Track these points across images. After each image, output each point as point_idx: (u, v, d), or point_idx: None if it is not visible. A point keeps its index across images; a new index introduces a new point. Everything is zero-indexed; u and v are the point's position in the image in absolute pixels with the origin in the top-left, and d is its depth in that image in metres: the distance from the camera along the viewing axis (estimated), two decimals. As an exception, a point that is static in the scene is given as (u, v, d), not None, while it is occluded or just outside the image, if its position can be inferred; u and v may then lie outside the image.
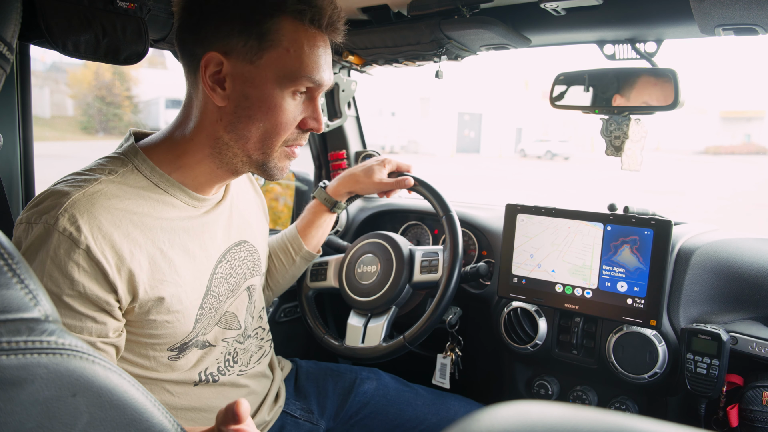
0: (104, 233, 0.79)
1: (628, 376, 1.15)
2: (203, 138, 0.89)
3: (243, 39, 0.82)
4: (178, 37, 0.88)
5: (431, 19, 1.22)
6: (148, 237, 0.85)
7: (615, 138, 1.25)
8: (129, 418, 0.36)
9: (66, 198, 0.78)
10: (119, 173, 0.86)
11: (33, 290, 0.35)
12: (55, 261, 0.76)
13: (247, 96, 0.85)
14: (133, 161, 0.88)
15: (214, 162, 0.91)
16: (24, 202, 1.26)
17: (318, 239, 1.34)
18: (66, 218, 0.77)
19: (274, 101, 0.86)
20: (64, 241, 0.76)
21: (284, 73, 0.85)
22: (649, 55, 1.18)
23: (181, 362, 0.95)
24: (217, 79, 0.85)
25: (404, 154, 25.93)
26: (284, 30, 0.83)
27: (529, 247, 1.27)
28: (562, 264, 1.22)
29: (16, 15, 0.64)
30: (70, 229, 0.77)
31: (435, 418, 1.22)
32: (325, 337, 1.36)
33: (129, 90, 17.13)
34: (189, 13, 0.85)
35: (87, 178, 0.83)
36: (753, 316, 1.13)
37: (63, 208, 0.77)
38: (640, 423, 0.28)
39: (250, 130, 0.87)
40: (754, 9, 0.86)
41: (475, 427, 0.29)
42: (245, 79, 0.84)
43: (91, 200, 0.80)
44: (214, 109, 0.87)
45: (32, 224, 0.78)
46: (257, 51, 0.83)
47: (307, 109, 0.91)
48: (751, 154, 31.09)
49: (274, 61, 0.84)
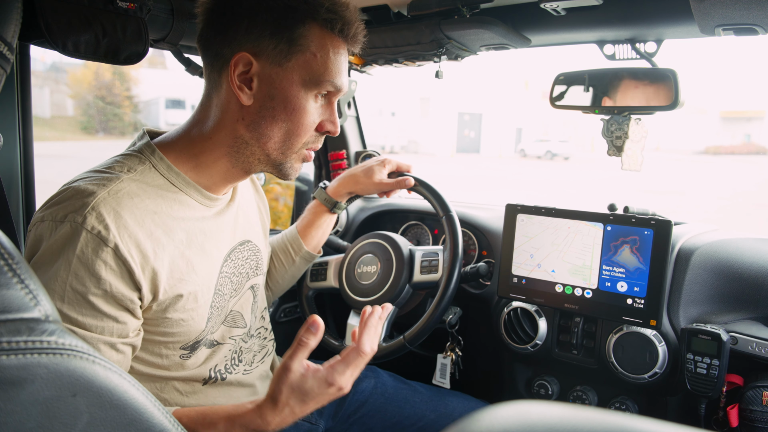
0: (130, 232, 0.80)
1: (628, 376, 1.15)
2: (222, 136, 0.91)
3: (274, 42, 0.85)
4: (203, 35, 0.89)
5: (431, 19, 1.22)
6: (169, 236, 0.86)
7: (617, 138, 1.25)
8: (129, 418, 0.36)
9: (92, 197, 0.79)
10: (137, 171, 0.86)
11: (33, 290, 0.35)
12: (83, 259, 0.76)
13: (272, 96, 0.88)
14: (150, 159, 0.89)
15: (231, 161, 0.93)
16: (24, 202, 1.26)
17: (318, 239, 1.34)
18: (94, 217, 0.77)
19: (298, 103, 0.89)
20: (92, 239, 0.77)
21: (309, 77, 0.88)
22: (649, 55, 1.18)
23: (192, 360, 0.96)
24: (244, 78, 0.87)
25: (404, 154, 25.93)
26: (313, 36, 0.87)
27: (529, 247, 1.27)
28: (562, 264, 1.22)
29: (16, 15, 0.64)
30: (98, 228, 0.77)
31: (434, 414, 1.23)
32: (325, 338, 1.36)
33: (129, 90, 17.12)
34: (219, 14, 0.87)
35: (109, 176, 0.83)
36: (753, 316, 1.13)
37: (90, 207, 0.78)
38: (640, 423, 0.28)
39: (272, 129, 0.90)
40: (754, 9, 0.87)
41: (475, 427, 0.29)
42: (272, 80, 0.87)
43: (117, 199, 0.81)
44: (236, 108, 0.89)
45: (57, 222, 0.78)
46: (286, 54, 0.86)
47: (325, 113, 0.95)
48: (751, 154, 31.09)
49: (301, 65, 0.87)
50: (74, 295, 0.77)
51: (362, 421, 1.23)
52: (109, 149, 0.95)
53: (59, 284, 0.76)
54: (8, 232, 0.94)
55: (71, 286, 0.76)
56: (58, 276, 0.76)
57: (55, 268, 0.76)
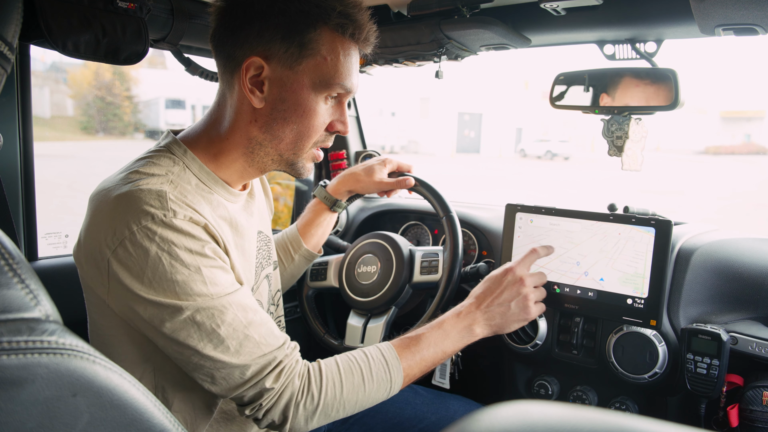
0: (206, 218, 0.83)
1: (628, 376, 1.15)
2: (238, 138, 0.92)
3: (285, 46, 0.86)
4: (216, 36, 0.90)
5: (431, 19, 1.22)
6: (219, 230, 0.87)
7: (617, 138, 1.25)
8: (130, 418, 0.36)
9: (163, 195, 0.79)
10: (175, 173, 0.86)
11: (34, 290, 0.35)
12: (188, 244, 0.78)
13: (283, 99, 0.89)
14: (183, 160, 0.89)
15: (247, 161, 0.94)
16: (24, 202, 1.26)
17: (318, 238, 1.34)
18: (178, 206, 0.80)
19: (309, 105, 0.90)
20: (186, 224, 0.79)
21: (320, 80, 0.89)
22: (649, 55, 1.18)
23: None
24: (255, 81, 0.88)
25: (404, 154, 25.93)
26: (324, 40, 0.87)
27: (529, 247, 1.27)
28: (562, 264, 1.22)
29: (17, 15, 0.64)
30: (189, 214, 0.80)
31: (434, 416, 1.23)
32: (324, 337, 1.36)
33: (129, 90, 17.11)
34: (232, 15, 0.87)
35: (157, 175, 0.83)
36: (753, 316, 1.13)
37: (169, 200, 0.79)
38: (640, 423, 0.28)
39: (284, 131, 0.91)
40: (754, 9, 0.87)
41: (475, 427, 0.29)
42: (283, 83, 0.88)
43: (183, 193, 0.83)
44: (249, 110, 0.90)
45: (147, 227, 0.77)
46: (297, 58, 0.87)
47: (335, 113, 0.96)
48: (751, 154, 31.09)
49: (312, 68, 0.88)
50: (188, 271, 0.78)
51: (363, 421, 1.23)
52: (109, 149, 0.95)
53: (182, 275, 0.78)
54: (8, 232, 0.94)
55: (185, 261, 0.78)
56: (179, 270, 0.78)
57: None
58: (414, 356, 0.97)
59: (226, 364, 0.80)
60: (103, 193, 0.82)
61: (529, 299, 1.07)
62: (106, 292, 0.81)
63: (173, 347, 0.80)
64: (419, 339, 0.99)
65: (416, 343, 0.99)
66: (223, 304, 0.80)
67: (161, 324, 0.78)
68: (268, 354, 0.84)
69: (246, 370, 0.82)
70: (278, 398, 0.84)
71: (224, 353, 0.80)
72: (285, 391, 0.84)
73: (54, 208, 5.49)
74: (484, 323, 1.05)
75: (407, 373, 0.97)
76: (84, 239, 0.83)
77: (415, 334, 1.01)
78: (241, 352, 0.81)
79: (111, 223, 0.78)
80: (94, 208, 0.83)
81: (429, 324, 1.03)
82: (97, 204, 0.82)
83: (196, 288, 0.78)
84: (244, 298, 0.84)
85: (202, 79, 1.36)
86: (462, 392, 1.36)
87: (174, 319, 0.78)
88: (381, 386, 0.93)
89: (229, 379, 0.81)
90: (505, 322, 1.06)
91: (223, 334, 0.79)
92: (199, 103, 17.65)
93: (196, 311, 0.78)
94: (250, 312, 0.84)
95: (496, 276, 1.09)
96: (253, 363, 0.82)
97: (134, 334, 0.85)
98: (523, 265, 1.10)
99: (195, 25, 1.21)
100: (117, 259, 0.77)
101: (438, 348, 1.00)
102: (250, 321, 0.83)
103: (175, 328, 0.78)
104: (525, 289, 1.06)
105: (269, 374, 0.83)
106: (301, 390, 0.86)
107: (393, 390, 0.95)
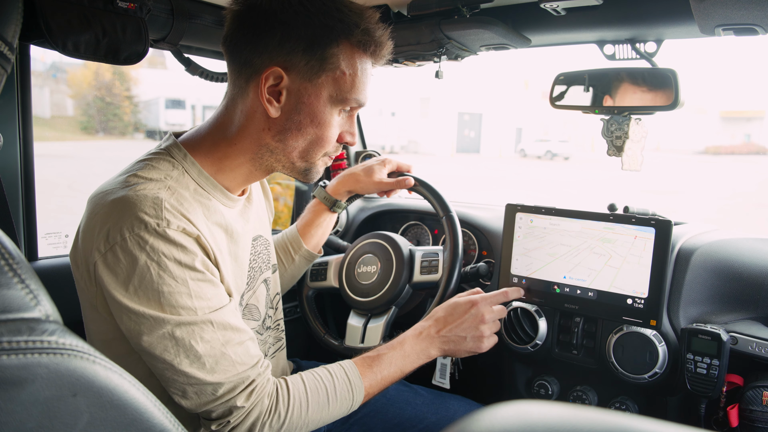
0: (200, 229, 0.83)
1: (628, 376, 1.15)
2: (247, 143, 0.91)
3: (306, 58, 0.86)
4: (231, 39, 0.89)
5: (431, 19, 1.22)
6: (211, 240, 0.87)
7: (617, 138, 1.25)
8: (130, 418, 0.36)
9: (158, 203, 0.79)
10: (173, 178, 0.86)
11: (34, 290, 0.35)
12: (178, 256, 0.78)
13: (299, 110, 0.89)
14: (183, 164, 0.89)
15: (254, 165, 0.94)
16: (24, 202, 1.26)
17: (318, 239, 1.34)
18: (173, 215, 0.79)
19: (324, 117, 0.90)
20: (178, 235, 0.79)
21: (337, 93, 0.89)
22: (649, 55, 1.18)
23: None
24: (273, 91, 0.87)
25: (404, 154, 25.93)
26: (344, 55, 0.88)
27: (531, 247, 1.27)
28: (562, 264, 1.22)
29: (17, 15, 0.64)
30: (182, 225, 0.79)
31: (434, 417, 1.22)
32: (324, 337, 1.36)
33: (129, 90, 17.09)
34: (251, 22, 0.86)
35: (155, 180, 0.83)
36: (753, 316, 1.13)
37: (164, 209, 0.79)
38: (640, 423, 0.28)
39: (297, 140, 0.91)
40: (754, 9, 0.87)
41: (475, 427, 0.29)
42: (300, 94, 0.88)
43: (179, 200, 0.83)
44: (262, 118, 0.89)
45: (139, 235, 0.77)
46: (317, 71, 0.87)
47: (346, 125, 0.97)
48: (751, 154, 31.09)
49: (330, 82, 0.89)
50: (176, 283, 0.79)
51: (363, 421, 1.23)
52: (109, 149, 0.95)
53: (167, 286, 0.78)
54: (8, 232, 0.94)
55: (173, 274, 0.78)
56: (166, 280, 0.78)
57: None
58: (375, 375, 1.00)
59: (199, 380, 0.80)
60: (100, 196, 0.82)
61: (485, 336, 1.10)
62: (94, 295, 0.81)
63: (148, 359, 0.80)
64: (380, 359, 1.02)
65: (378, 363, 1.01)
66: (204, 320, 0.80)
67: (139, 335, 0.78)
68: (242, 373, 0.84)
69: (219, 387, 0.82)
70: (246, 416, 0.84)
71: (200, 370, 0.80)
72: (253, 410, 0.85)
73: (54, 208, 5.49)
74: (439, 347, 1.08)
75: (368, 391, 0.99)
76: (79, 241, 0.83)
77: (376, 353, 1.03)
78: (216, 370, 0.81)
79: (104, 227, 0.78)
80: (90, 210, 0.83)
81: (389, 343, 1.06)
82: (93, 206, 0.82)
83: (180, 300, 0.78)
84: (227, 316, 0.84)
85: (202, 79, 1.36)
86: (462, 392, 1.35)
87: (153, 332, 0.77)
88: (343, 404, 0.95)
89: (201, 395, 0.81)
90: (458, 350, 1.10)
91: (200, 351, 0.79)
92: (199, 103, 17.64)
93: (176, 326, 0.78)
94: (230, 330, 0.84)
95: (460, 305, 1.11)
96: (227, 381, 0.82)
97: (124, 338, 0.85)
98: (488, 303, 1.12)
99: (195, 25, 1.21)
100: (105, 263, 0.77)
101: (397, 367, 1.03)
102: (228, 339, 0.83)
103: (152, 341, 0.78)
104: (483, 327, 1.10)
105: (241, 393, 0.84)
106: (268, 410, 0.86)
107: (353, 407, 0.98)
